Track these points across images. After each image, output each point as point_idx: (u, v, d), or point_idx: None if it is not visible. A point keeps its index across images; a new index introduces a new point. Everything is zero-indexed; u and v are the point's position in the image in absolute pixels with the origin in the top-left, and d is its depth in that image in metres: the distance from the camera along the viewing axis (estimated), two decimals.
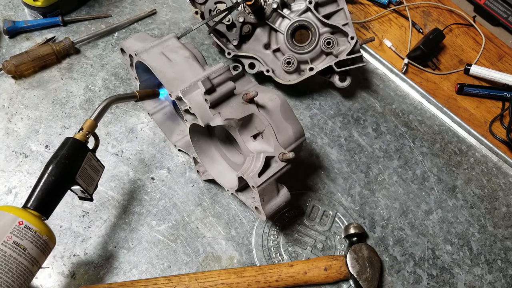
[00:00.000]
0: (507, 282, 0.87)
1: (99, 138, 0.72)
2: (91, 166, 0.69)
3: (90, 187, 0.69)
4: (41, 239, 0.61)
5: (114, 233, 0.81)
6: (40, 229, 0.61)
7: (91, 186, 0.69)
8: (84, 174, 0.67)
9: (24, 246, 0.59)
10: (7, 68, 0.90)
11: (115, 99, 0.73)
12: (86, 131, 0.68)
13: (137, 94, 0.77)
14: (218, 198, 0.86)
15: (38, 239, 0.61)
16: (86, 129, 0.68)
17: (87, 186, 0.68)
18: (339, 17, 0.93)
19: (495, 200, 0.95)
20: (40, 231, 0.61)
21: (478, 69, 1.09)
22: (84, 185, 0.67)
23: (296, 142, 0.75)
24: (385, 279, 0.84)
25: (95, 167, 0.70)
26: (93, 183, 0.70)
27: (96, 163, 0.70)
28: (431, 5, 1.21)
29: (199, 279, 0.75)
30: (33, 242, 0.60)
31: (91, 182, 0.69)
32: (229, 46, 0.94)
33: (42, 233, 0.61)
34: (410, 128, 1.01)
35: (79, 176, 0.66)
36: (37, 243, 0.61)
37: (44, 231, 0.62)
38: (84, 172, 0.67)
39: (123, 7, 1.06)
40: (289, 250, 0.84)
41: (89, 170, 0.68)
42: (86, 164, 0.67)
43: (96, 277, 0.77)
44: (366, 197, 0.91)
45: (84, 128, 0.68)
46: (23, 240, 0.59)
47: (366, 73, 1.06)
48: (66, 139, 0.67)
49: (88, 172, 0.68)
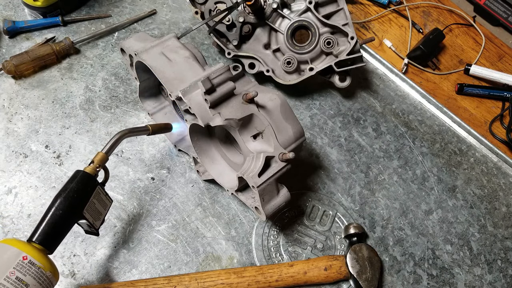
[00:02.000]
0: (507, 282, 0.87)
1: (109, 171, 0.70)
2: (99, 200, 0.67)
3: (97, 221, 0.67)
4: (44, 275, 0.60)
5: (114, 233, 0.81)
6: (44, 265, 0.59)
7: (98, 221, 0.68)
8: (91, 208, 0.66)
9: (26, 282, 0.58)
10: (7, 68, 0.90)
11: (127, 133, 0.71)
12: (97, 165, 0.66)
13: (149, 128, 0.75)
14: (218, 198, 0.86)
15: (42, 275, 0.59)
16: (97, 163, 0.66)
17: (94, 221, 0.67)
18: (339, 17, 0.93)
19: (495, 200, 0.95)
20: (44, 267, 0.59)
21: (478, 69, 1.09)
22: (91, 219, 0.66)
23: (296, 142, 0.75)
24: (385, 279, 0.84)
25: (103, 201, 0.68)
26: (100, 218, 0.68)
27: (105, 197, 0.69)
28: (431, 5, 1.21)
29: (199, 279, 0.75)
30: (36, 279, 0.59)
31: (98, 217, 0.68)
32: (229, 46, 0.94)
33: (46, 269, 0.60)
34: (410, 128, 1.01)
35: (86, 211, 0.65)
36: (40, 279, 0.59)
37: (48, 267, 0.60)
38: (92, 207, 0.66)
39: (123, 7, 1.06)
40: (289, 250, 0.84)
41: (97, 204, 0.67)
42: (95, 198, 0.66)
43: (96, 277, 0.77)
44: (366, 197, 0.91)
45: (95, 161, 0.66)
46: (26, 276, 0.58)
47: (366, 73, 1.06)
48: (76, 172, 0.65)
49: (96, 206, 0.67)
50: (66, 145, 0.88)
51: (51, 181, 0.84)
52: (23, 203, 0.81)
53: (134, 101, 0.94)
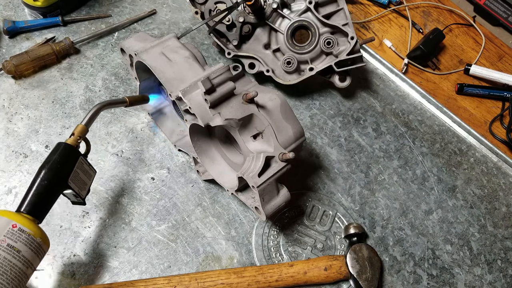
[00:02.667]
0: (507, 282, 0.87)
1: (90, 143, 0.73)
2: (83, 170, 0.69)
3: (82, 191, 0.70)
4: (35, 241, 0.62)
5: (114, 233, 0.81)
6: (33, 232, 0.62)
7: (84, 190, 0.70)
8: (76, 178, 0.68)
9: (18, 248, 0.60)
10: (7, 68, 0.90)
11: (105, 104, 0.74)
12: (77, 136, 0.69)
13: (126, 100, 0.78)
14: (218, 198, 0.86)
15: (32, 242, 0.61)
16: (77, 134, 0.69)
17: (80, 190, 0.69)
18: (339, 17, 0.93)
19: (495, 200, 0.95)
20: (34, 234, 0.62)
21: (478, 69, 1.09)
22: (76, 189, 0.68)
23: (296, 142, 0.75)
24: (385, 279, 0.84)
25: (87, 172, 0.71)
26: (86, 187, 0.71)
27: (88, 168, 0.71)
28: (431, 5, 1.21)
29: (199, 279, 0.75)
30: (27, 245, 0.61)
31: (83, 186, 0.70)
32: (229, 46, 0.94)
33: (36, 235, 0.62)
34: (410, 128, 1.01)
35: (71, 180, 0.67)
36: (31, 246, 0.61)
37: (37, 234, 0.62)
38: (76, 176, 0.68)
39: (123, 7, 1.06)
40: (289, 250, 0.84)
41: (81, 175, 0.69)
42: (78, 169, 0.68)
43: (96, 277, 0.77)
44: (366, 197, 0.91)
45: (75, 133, 0.69)
46: (17, 243, 0.60)
47: (366, 73, 1.06)
48: (57, 144, 0.67)
49: (80, 176, 0.69)
50: None
51: None
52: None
53: None
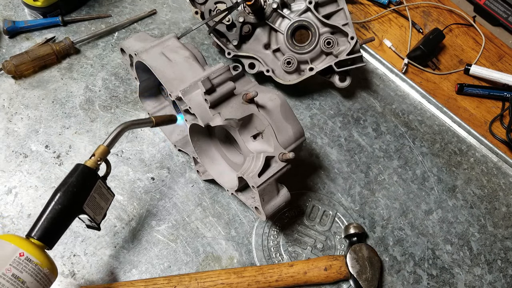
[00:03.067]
0: (507, 282, 0.87)
1: (111, 164, 0.69)
2: (100, 194, 0.65)
3: (98, 216, 0.66)
4: (41, 272, 0.58)
5: (114, 233, 0.81)
6: (41, 261, 0.58)
7: (99, 215, 0.66)
8: (92, 202, 0.64)
9: (23, 279, 0.57)
10: (7, 68, 0.90)
11: (129, 125, 0.69)
12: (98, 158, 0.65)
13: (153, 120, 0.73)
14: (218, 198, 0.86)
15: (39, 272, 0.58)
16: (98, 156, 0.65)
17: (95, 215, 0.65)
18: (339, 17, 0.92)
19: (495, 200, 0.95)
20: (41, 264, 0.58)
21: (478, 69, 1.09)
22: (91, 214, 0.64)
23: (296, 142, 0.75)
24: (385, 279, 0.84)
25: (104, 195, 0.66)
26: (102, 212, 0.66)
27: (106, 191, 0.67)
28: (431, 5, 1.21)
29: (199, 279, 0.75)
30: (33, 276, 0.58)
31: (99, 211, 0.66)
32: (229, 46, 0.94)
33: (43, 265, 0.59)
34: (410, 128, 1.01)
35: (86, 205, 0.63)
36: (37, 277, 0.58)
37: (45, 264, 0.59)
38: (93, 201, 0.64)
39: (123, 7, 1.06)
40: (289, 250, 0.84)
41: (98, 199, 0.65)
42: (95, 193, 0.64)
43: (96, 277, 0.77)
44: (366, 197, 0.91)
45: (96, 154, 0.65)
46: (22, 273, 0.57)
47: (366, 73, 1.06)
48: (76, 165, 0.64)
49: (97, 201, 0.65)
50: (66, 145, 0.88)
51: (51, 181, 0.84)
52: (23, 203, 0.81)
53: (134, 101, 0.94)
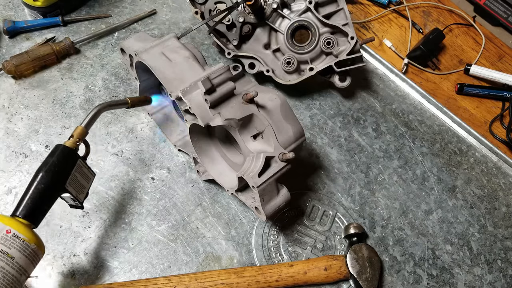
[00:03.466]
0: (507, 282, 0.87)
1: (89, 145, 0.71)
2: (81, 173, 0.68)
3: (80, 195, 0.68)
4: (29, 247, 0.60)
5: (114, 233, 0.81)
6: (28, 237, 0.60)
7: (82, 194, 0.68)
8: (74, 181, 0.66)
9: (11, 255, 0.58)
10: (7, 68, 0.90)
11: (106, 106, 0.72)
12: (77, 138, 0.67)
13: (128, 101, 0.76)
14: (218, 198, 0.86)
15: (26, 248, 0.60)
16: (77, 136, 0.67)
17: (78, 194, 0.67)
18: (339, 17, 0.93)
19: (495, 200, 0.95)
20: (29, 240, 0.60)
21: (478, 69, 1.09)
22: (74, 192, 0.66)
23: (296, 142, 0.75)
24: (385, 279, 0.84)
25: (85, 175, 0.69)
26: (84, 191, 0.69)
27: (87, 171, 0.69)
28: (431, 5, 1.21)
29: (199, 279, 0.75)
30: (21, 251, 0.59)
31: (81, 190, 0.68)
32: (229, 46, 0.94)
33: (31, 241, 0.60)
34: (410, 128, 1.01)
35: (69, 184, 0.65)
36: (25, 252, 0.60)
37: (32, 240, 0.60)
38: (74, 180, 0.66)
39: (123, 7, 1.06)
40: (289, 250, 0.84)
41: (79, 178, 0.67)
42: (77, 172, 0.66)
43: (96, 277, 0.77)
44: (366, 197, 0.91)
45: (75, 135, 0.67)
46: (10, 249, 0.58)
47: (366, 73, 1.06)
48: (56, 146, 0.66)
49: (79, 180, 0.67)
50: None
51: None
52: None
53: None
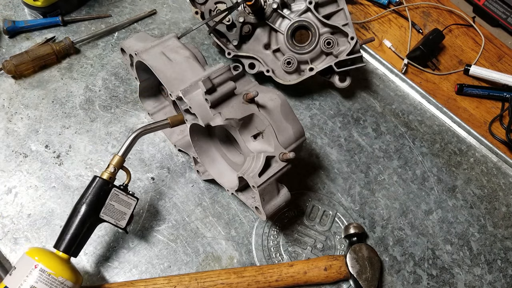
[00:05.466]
0: (507, 282, 0.87)
1: (130, 172, 0.73)
2: (119, 201, 0.71)
3: (121, 221, 0.71)
4: (56, 280, 0.64)
5: (114, 233, 0.81)
6: (55, 271, 0.64)
7: (123, 220, 0.71)
8: (110, 210, 0.70)
9: None
10: (7, 68, 0.90)
11: (143, 131, 0.73)
12: (112, 169, 0.70)
13: (169, 122, 0.75)
14: (218, 198, 0.86)
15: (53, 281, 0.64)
16: (113, 166, 0.70)
17: (117, 221, 0.71)
18: (339, 18, 0.93)
19: (495, 200, 0.95)
20: (55, 273, 0.64)
21: (478, 70, 1.09)
22: (112, 220, 0.70)
23: (296, 142, 0.75)
24: (385, 279, 0.84)
25: (125, 202, 0.71)
26: (125, 217, 0.72)
27: (126, 197, 0.72)
28: (431, 6, 1.21)
29: (199, 279, 0.75)
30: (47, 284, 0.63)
31: (122, 216, 0.71)
32: (229, 46, 0.94)
33: (57, 275, 0.64)
34: (410, 128, 1.01)
35: (104, 214, 0.69)
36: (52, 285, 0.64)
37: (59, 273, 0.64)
38: (111, 209, 0.70)
39: (123, 7, 1.06)
40: (289, 250, 0.84)
41: (117, 206, 0.70)
42: (112, 200, 0.70)
43: (96, 277, 0.77)
44: (366, 197, 0.91)
45: (111, 165, 0.70)
46: (37, 283, 0.63)
47: (366, 73, 1.07)
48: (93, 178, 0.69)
49: (116, 208, 0.71)
50: (66, 145, 0.88)
51: (51, 181, 0.84)
52: (23, 203, 0.81)
53: (134, 101, 0.94)
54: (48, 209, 0.81)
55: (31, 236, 0.79)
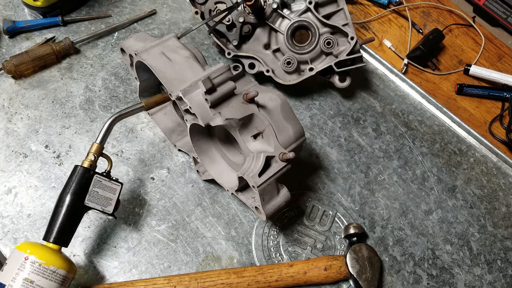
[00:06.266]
0: (507, 282, 0.87)
1: (111, 158, 0.74)
2: (103, 187, 0.71)
3: (108, 207, 0.71)
4: (47, 270, 0.64)
5: (114, 233, 0.81)
6: (46, 261, 0.65)
7: (109, 206, 0.72)
8: (95, 197, 0.70)
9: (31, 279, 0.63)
10: (7, 68, 0.90)
11: (117, 116, 0.73)
12: (92, 156, 0.71)
13: (144, 105, 0.76)
14: (218, 198, 0.86)
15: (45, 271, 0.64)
16: (92, 154, 0.71)
17: (103, 207, 0.71)
18: (339, 17, 0.93)
19: (495, 200, 0.95)
20: (46, 263, 0.64)
21: (478, 70, 1.09)
22: (98, 207, 0.70)
23: (296, 142, 0.75)
24: (385, 279, 0.84)
25: (109, 187, 0.72)
26: (111, 203, 0.72)
27: (110, 183, 0.72)
28: (431, 6, 1.21)
29: (199, 279, 0.75)
30: (39, 274, 0.64)
31: (107, 202, 0.71)
32: (229, 46, 0.94)
33: (48, 264, 0.65)
34: (410, 128, 1.01)
35: (88, 201, 0.69)
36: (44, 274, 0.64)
37: (50, 262, 0.65)
38: (95, 195, 0.70)
39: (123, 7, 1.06)
40: (289, 250, 0.84)
41: (101, 192, 0.71)
42: (96, 187, 0.70)
43: (96, 277, 0.77)
44: (366, 197, 0.91)
45: (90, 153, 0.71)
46: (29, 274, 0.64)
47: (366, 73, 1.07)
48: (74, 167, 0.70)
49: (101, 194, 0.70)
50: (66, 145, 0.88)
51: (51, 181, 0.84)
52: (23, 203, 0.81)
53: (134, 101, 0.94)
54: (48, 209, 0.81)
55: (31, 236, 0.79)
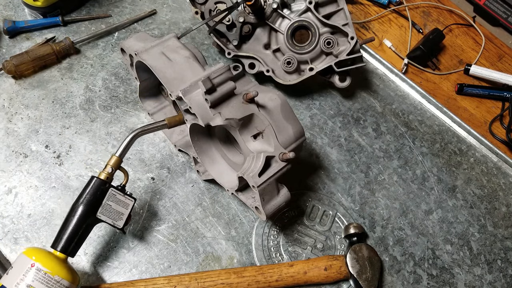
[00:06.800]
0: (507, 282, 0.87)
1: (127, 172, 0.73)
2: (116, 201, 0.71)
3: (118, 221, 0.71)
4: (52, 279, 0.64)
5: (114, 233, 0.81)
6: (51, 270, 0.64)
7: (120, 220, 0.71)
8: (107, 210, 0.70)
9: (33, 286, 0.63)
10: (7, 68, 0.90)
11: (139, 132, 0.73)
12: (110, 169, 0.70)
13: (167, 123, 0.75)
14: (218, 198, 0.86)
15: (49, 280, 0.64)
16: (110, 167, 0.70)
17: (114, 221, 0.71)
18: (339, 17, 0.93)
19: (495, 200, 0.95)
20: (51, 272, 0.64)
21: (478, 69, 1.09)
22: (109, 220, 0.70)
23: (296, 142, 0.75)
24: (385, 279, 0.84)
25: (122, 202, 0.71)
26: (122, 217, 0.72)
27: (124, 197, 0.72)
28: (431, 5, 1.21)
29: (199, 279, 0.75)
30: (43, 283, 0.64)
31: (119, 217, 0.71)
32: (229, 46, 0.94)
33: (53, 273, 0.64)
34: (410, 128, 1.01)
35: (101, 213, 0.69)
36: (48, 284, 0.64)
37: (55, 272, 0.65)
38: (108, 209, 0.70)
39: (123, 7, 1.06)
40: (289, 250, 0.84)
41: (114, 206, 0.70)
42: (109, 201, 0.70)
43: (96, 277, 0.77)
44: (366, 197, 0.91)
45: (108, 166, 0.70)
46: (33, 282, 0.63)
47: (366, 73, 1.06)
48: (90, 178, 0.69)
49: (113, 208, 0.70)
50: (66, 145, 0.88)
51: (51, 181, 0.84)
52: (23, 203, 0.81)
53: (134, 101, 0.94)
54: (48, 209, 0.81)
55: (31, 236, 0.79)
